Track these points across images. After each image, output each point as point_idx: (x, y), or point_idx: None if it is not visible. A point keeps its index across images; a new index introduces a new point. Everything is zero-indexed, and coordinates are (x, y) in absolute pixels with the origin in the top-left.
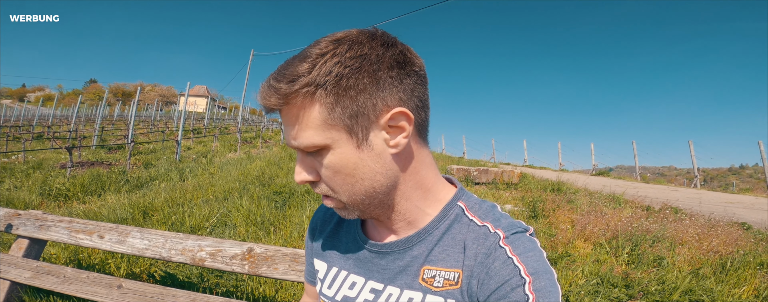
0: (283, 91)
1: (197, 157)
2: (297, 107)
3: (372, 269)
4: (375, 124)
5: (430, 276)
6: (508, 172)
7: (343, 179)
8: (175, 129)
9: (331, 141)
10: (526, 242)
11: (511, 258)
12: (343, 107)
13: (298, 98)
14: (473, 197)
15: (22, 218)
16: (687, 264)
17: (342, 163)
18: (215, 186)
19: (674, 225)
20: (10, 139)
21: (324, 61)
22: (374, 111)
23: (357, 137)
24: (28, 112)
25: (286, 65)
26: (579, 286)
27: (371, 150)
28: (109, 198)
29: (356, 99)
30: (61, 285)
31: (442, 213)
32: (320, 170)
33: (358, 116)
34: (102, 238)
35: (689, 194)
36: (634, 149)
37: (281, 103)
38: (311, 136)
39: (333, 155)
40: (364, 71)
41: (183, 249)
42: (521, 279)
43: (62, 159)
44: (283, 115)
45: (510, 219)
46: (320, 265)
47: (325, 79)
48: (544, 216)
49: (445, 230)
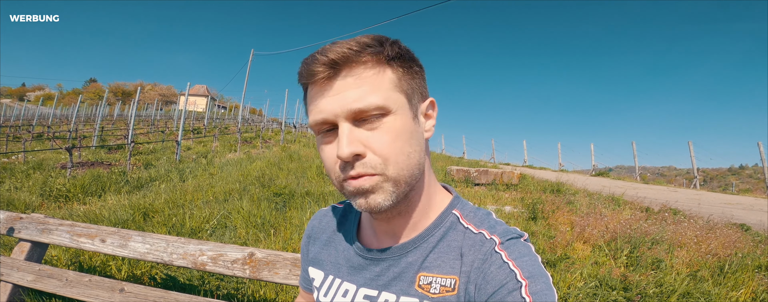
0: (357, 50)
1: (197, 158)
2: (367, 67)
3: (366, 276)
4: (419, 106)
5: (427, 283)
6: (508, 173)
7: (401, 146)
8: (175, 129)
9: (396, 105)
10: (521, 247)
11: (507, 263)
12: (408, 79)
13: (370, 59)
14: (468, 205)
15: (24, 222)
16: (685, 266)
17: (403, 128)
18: (215, 187)
19: (673, 227)
20: (10, 138)
21: (390, 44)
22: (421, 94)
23: (412, 109)
24: (28, 112)
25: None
26: (578, 289)
27: (418, 126)
28: (109, 199)
29: (415, 77)
30: (63, 289)
31: (438, 220)
32: (372, 139)
33: (414, 91)
34: (104, 242)
35: (689, 195)
36: (633, 149)
37: (352, 58)
38: (380, 96)
39: (396, 119)
40: (414, 62)
41: (184, 253)
42: (518, 283)
43: (62, 160)
44: (338, 82)
45: (504, 225)
46: (316, 273)
47: (395, 57)
48: (543, 217)
49: (441, 237)
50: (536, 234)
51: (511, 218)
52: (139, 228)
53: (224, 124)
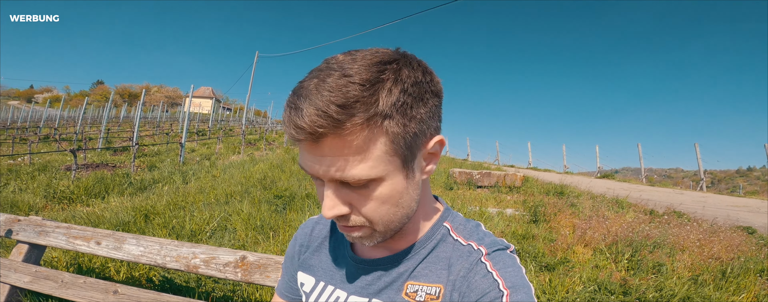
0: (341, 119)
1: (201, 160)
2: (354, 138)
3: (357, 284)
4: (420, 152)
5: (413, 291)
6: (511, 176)
7: (388, 209)
8: (180, 131)
9: (386, 172)
10: (505, 258)
11: (492, 273)
12: (405, 138)
13: (357, 128)
14: (458, 217)
15: (21, 224)
16: (687, 270)
17: (392, 194)
18: (217, 189)
19: (676, 230)
20: (16, 140)
21: (389, 89)
22: (424, 139)
23: (407, 167)
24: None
25: (327, 86)
26: (576, 293)
27: (413, 178)
28: (112, 200)
29: (415, 128)
30: (59, 290)
31: (429, 233)
32: (359, 201)
33: (413, 146)
34: (99, 245)
35: (695, 197)
36: (639, 151)
37: (332, 132)
38: (369, 168)
39: (384, 186)
40: (422, 100)
41: (178, 256)
42: (499, 292)
43: (68, 162)
44: (324, 145)
45: (492, 237)
46: (306, 279)
47: (392, 110)
48: (545, 220)
49: (431, 249)
50: (537, 237)
51: (512, 221)
52: (140, 230)
53: (229, 126)
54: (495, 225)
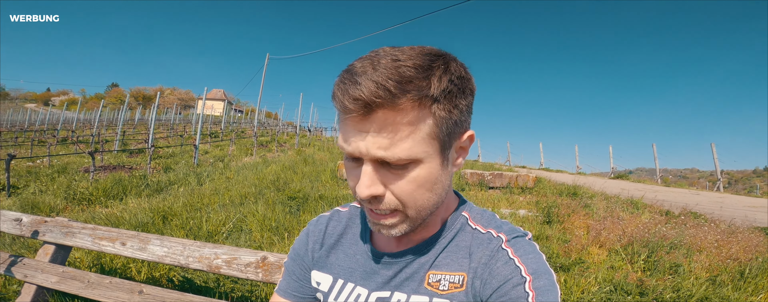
0: (397, 93)
1: (214, 161)
2: (404, 115)
3: (378, 279)
4: (455, 142)
5: (436, 281)
6: (523, 176)
7: (423, 194)
8: (194, 133)
9: (426, 154)
10: (525, 245)
11: (513, 259)
12: (448, 124)
13: (408, 105)
14: (474, 207)
15: (48, 225)
16: (705, 271)
17: (428, 178)
18: (232, 190)
19: (693, 231)
20: (35, 143)
21: (439, 75)
22: (460, 130)
23: (443, 154)
24: (52, 116)
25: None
26: (592, 293)
27: (447, 167)
28: (130, 202)
29: (457, 117)
30: (85, 290)
31: (449, 222)
32: (396, 182)
33: (452, 134)
34: (124, 245)
35: (711, 198)
36: (654, 151)
37: (387, 106)
38: (411, 147)
39: (422, 169)
40: (464, 93)
41: (200, 256)
42: (522, 278)
43: (86, 163)
44: (374, 119)
45: (510, 225)
46: (323, 278)
47: (442, 94)
48: (558, 221)
49: (451, 238)
50: (551, 238)
51: (525, 222)
52: (159, 230)
53: (241, 128)
54: None
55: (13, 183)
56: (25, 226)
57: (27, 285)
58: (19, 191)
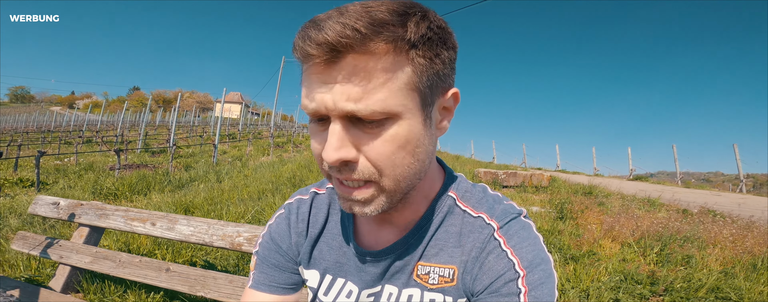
0: (368, 34)
1: (232, 161)
2: (377, 59)
3: (367, 278)
4: (437, 101)
5: (425, 273)
6: (538, 176)
7: (403, 157)
8: (212, 134)
9: (405, 108)
10: (520, 231)
11: (506, 252)
12: (429, 74)
13: (382, 49)
14: (462, 182)
15: (84, 208)
16: (718, 263)
17: (409, 137)
18: (250, 187)
19: (708, 226)
20: (62, 142)
21: (416, 21)
22: (442, 87)
23: (425, 110)
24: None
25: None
26: (601, 283)
27: (430, 127)
28: (154, 197)
29: (439, 68)
30: (116, 269)
31: (434, 204)
32: (370, 143)
33: (434, 87)
34: (154, 226)
35: (732, 199)
36: (674, 153)
37: (356, 49)
38: (386, 98)
39: (401, 126)
40: (445, 44)
41: (223, 234)
42: (516, 274)
43: (110, 162)
44: (342, 66)
45: (503, 203)
46: (311, 274)
47: (420, 40)
48: (572, 217)
49: (439, 224)
50: (563, 232)
51: (538, 218)
52: None
53: (257, 130)
54: None
55: (42, 180)
56: (62, 210)
57: (61, 266)
58: (48, 187)
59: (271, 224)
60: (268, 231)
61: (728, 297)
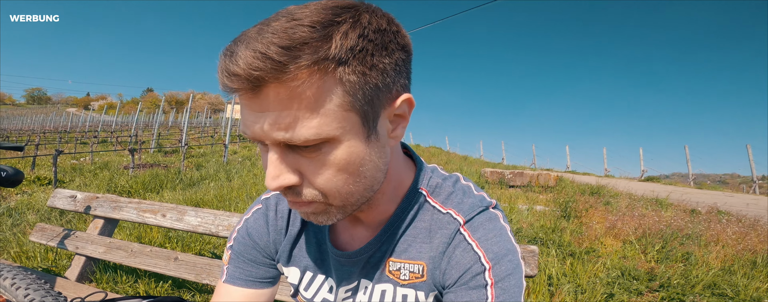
0: (283, 61)
1: (243, 160)
2: (300, 86)
3: (344, 273)
4: (383, 112)
5: (396, 269)
6: (544, 176)
7: (346, 179)
8: (223, 134)
9: (342, 131)
10: (485, 223)
11: (471, 244)
12: (364, 90)
13: (304, 74)
14: (435, 176)
15: (99, 200)
16: (718, 261)
17: (350, 159)
18: (259, 185)
19: (712, 225)
20: (78, 142)
21: (344, 32)
22: (388, 95)
23: (367, 127)
24: (93, 120)
25: (271, 29)
26: (598, 278)
27: (377, 141)
28: (166, 194)
29: (377, 80)
30: (128, 259)
31: (405, 203)
32: (310, 169)
33: (375, 101)
34: (164, 217)
35: (744, 199)
36: (686, 154)
37: (273, 78)
38: (319, 125)
39: (341, 149)
40: (386, 49)
41: (228, 224)
42: (482, 267)
43: (125, 162)
44: (265, 97)
45: (472, 197)
46: (290, 271)
47: (349, 54)
48: (576, 216)
49: (410, 221)
50: (565, 229)
51: (541, 217)
52: None
53: None
54: (524, 219)
55: (59, 179)
56: (79, 202)
57: (77, 257)
58: (65, 185)
59: (247, 219)
60: (244, 226)
61: (724, 294)
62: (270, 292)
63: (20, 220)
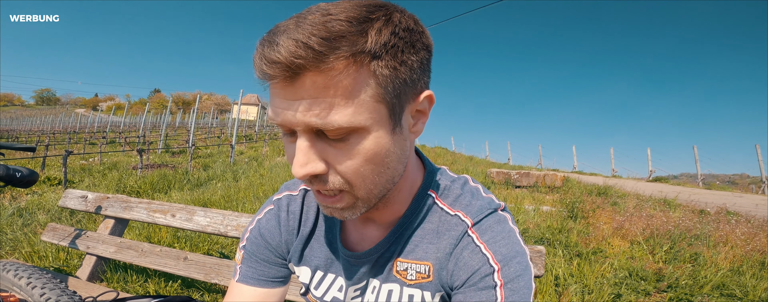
0: (323, 51)
1: (249, 161)
2: (337, 75)
3: (353, 273)
4: (408, 107)
5: (403, 269)
6: (551, 176)
7: (372, 169)
8: (229, 135)
9: (371, 121)
10: (494, 225)
11: (479, 246)
12: (395, 83)
13: (341, 64)
14: (444, 178)
15: (110, 200)
16: (727, 262)
17: (377, 149)
18: (265, 185)
19: (721, 225)
20: (87, 143)
21: (378, 28)
22: (413, 91)
23: (394, 120)
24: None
25: (308, 22)
26: (605, 279)
27: (400, 134)
28: (173, 195)
29: (406, 75)
30: (139, 258)
31: (414, 205)
32: (338, 157)
33: (402, 95)
34: (174, 217)
35: (754, 200)
36: (695, 154)
37: (313, 67)
38: (352, 114)
39: (368, 139)
40: (414, 47)
41: (237, 225)
42: (491, 268)
43: (133, 162)
44: (302, 84)
45: (481, 199)
46: (302, 270)
47: (382, 49)
48: (583, 217)
49: (419, 222)
50: (572, 230)
51: (548, 217)
52: None
53: (273, 131)
54: (530, 219)
55: (68, 179)
56: (90, 202)
57: (88, 256)
58: (74, 185)
59: (259, 219)
60: (256, 226)
61: (733, 294)
62: (281, 291)
63: (31, 220)
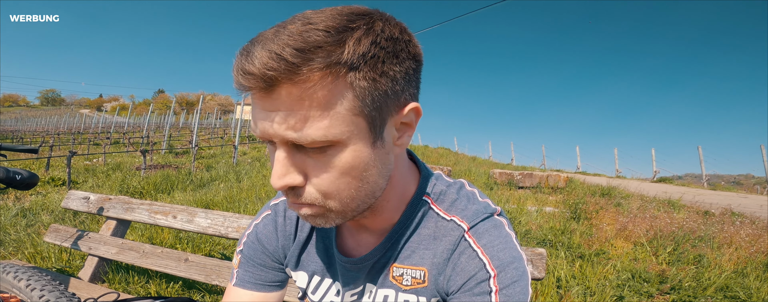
0: (296, 63)
1: (252, 161)
2: (312, 87)
3: (350, 279)
4: (391, 119)
5: (399, 275)
6: (554, 176)
7: (349, 182)
8: (233, 136)
9: (350, 135)
10: (491, 230)
11: (476, 252)
12: (373, 96)
13: (316, 76)
14: (439, 182)
15: (112, 202)
16: (731, 263)
17: (354, 163)
18: (268, 186)
19: (726, 227)
20: (91, 144)
21: (358, 38)
22: (396, 103)
23: (374, 133)
24: (105, 121)
25: (287, 31)
26: (608, 281)
27: (382, 147)
28: (176, 195)
29: (386, 87)
30: (140, 259)
31: (409, 210)
32: (315, 170)
33: (383, 108)
34: (175, 218)
35: (759, 201)
36: (699, 154)
37: (286, 79)
38: (328, 126)
39: (346, 153)
40: (397, 57)
41: (238, 226)
42: (487, 274)
43: (137, 162)
44: (278, 96)
45: (476, 203)
46: (299, 275)
47: (361, 60)
48: (586, 218)
49: (414, 228)
50: (575, 231)
51: (551, 218)
52: None
53: None
54: (533, 220)
55: (73, 179)
56: (92, 204)
57: (90, 257)
58: (78, 186)
59: (257, 224)
60: (253, 231)
61: (737, 296)
62: (278, 295)
63: (34, 221)
